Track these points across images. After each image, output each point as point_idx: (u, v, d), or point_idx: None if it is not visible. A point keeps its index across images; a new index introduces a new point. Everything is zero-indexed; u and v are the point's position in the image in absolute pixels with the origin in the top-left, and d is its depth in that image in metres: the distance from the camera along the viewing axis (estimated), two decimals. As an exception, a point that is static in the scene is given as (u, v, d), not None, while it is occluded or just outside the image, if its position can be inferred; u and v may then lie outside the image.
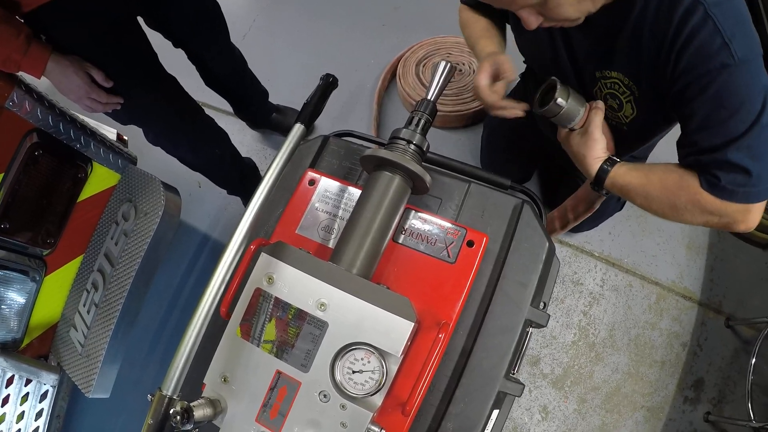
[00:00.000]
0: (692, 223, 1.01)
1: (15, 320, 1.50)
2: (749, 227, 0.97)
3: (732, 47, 0.82)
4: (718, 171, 0.90)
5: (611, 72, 1.04)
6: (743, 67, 0.83)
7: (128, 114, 1.53)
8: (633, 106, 1.06)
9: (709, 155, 0.91)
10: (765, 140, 0.87)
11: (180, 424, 0.71)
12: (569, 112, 1.05)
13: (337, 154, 1.05)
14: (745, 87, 0.84)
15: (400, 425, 0.77)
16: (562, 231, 1.50)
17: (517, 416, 1.83)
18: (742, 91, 0.84)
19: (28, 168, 1.38)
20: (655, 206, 1.02)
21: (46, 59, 1.25)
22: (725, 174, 0.90)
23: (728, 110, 0.86)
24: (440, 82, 0.91)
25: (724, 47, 0.82)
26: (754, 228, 0.98)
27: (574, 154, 1.11)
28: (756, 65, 0.84)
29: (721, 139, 0.88)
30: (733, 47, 0.82)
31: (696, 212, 0.97)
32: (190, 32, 1.63)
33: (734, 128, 0.86)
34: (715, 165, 0.90)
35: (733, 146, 0.87)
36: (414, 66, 2.25)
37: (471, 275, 0.84)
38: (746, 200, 0.92)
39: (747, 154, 0.87)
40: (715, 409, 1.81)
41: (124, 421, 2.00)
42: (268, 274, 0.80)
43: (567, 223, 1.45)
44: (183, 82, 1.65)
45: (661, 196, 0.99)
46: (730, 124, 0.86)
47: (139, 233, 1.54)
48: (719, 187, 0.91)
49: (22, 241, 1.43)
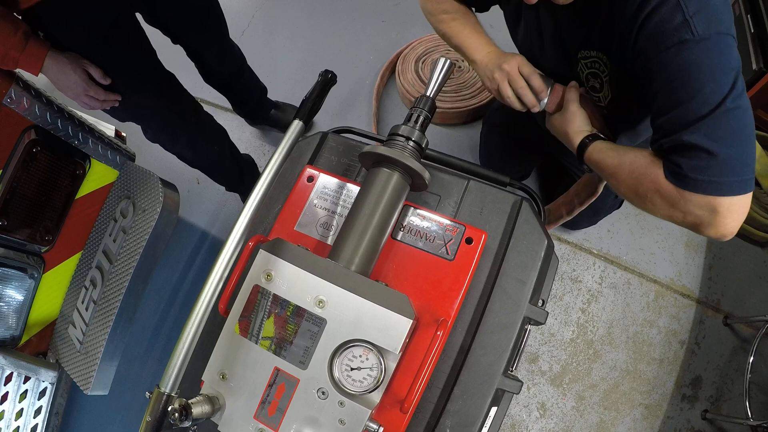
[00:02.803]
0: (659, 216, 0.92)
1: (13, 317, 1.50)
2: (719, 233, 0.85)
3: (692, 23, 0.77)
4: (678, 156, 0.82)
5: (591, 51, 1.04)
6: (704, 44, 0.77)
7: (126, 111, 1.52)
8: (609, 86, 1.05)
9: (668, 138, 0.83)
10: (730, 125, 0.79)
11: (178, 421, 0.71)
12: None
13: (335, 151, 1.05)
14: (708, 66, 0.78)
15: (399, 422, 0.77)
16: (568, 216, 1.50)
17: (515, 413, 1.83)
18: (704, 71, 0.78)
19: (26, 165, 1.37)
20: (622, 189, 0.95)
21: (44, 56, 1.24)
22: (687, 160, 0.81)
23: (688, 91, 0.79)
24: (439, 78, 0.91)
25: (684, 23, 0.77)
26: (728, 237, 0.86)
27: (558, 134, 1.13)
28: (721, 43, 0.78)
29: (680, 120, 0.81)
30: (693, 23, 0.77)
31: (658, 203, 0.88)
32: (188, 29, 1.63)
33: (696, 109, 0.79)
34: (676, 149, 0.83)
35: (693, 128, 0.80)
36: (413, 62, 2.25)
37: (470, 272, 0.84)
38: (709, 191, 0.81)
39: (709, 136, 0.79)
40: (712, 407, 1.81)
41: (122, 418, 2.00)
42: (267, 271, 0.80)
43: (573, 209, 1.45)
44: (182, 79, 1.65)
45: (627, 180, 0.93)
46: (691, 105, 0.79)
47: (138, 230, 1.54)
48: (681, 176, 0.83)
49: (20, 238, 1.43)
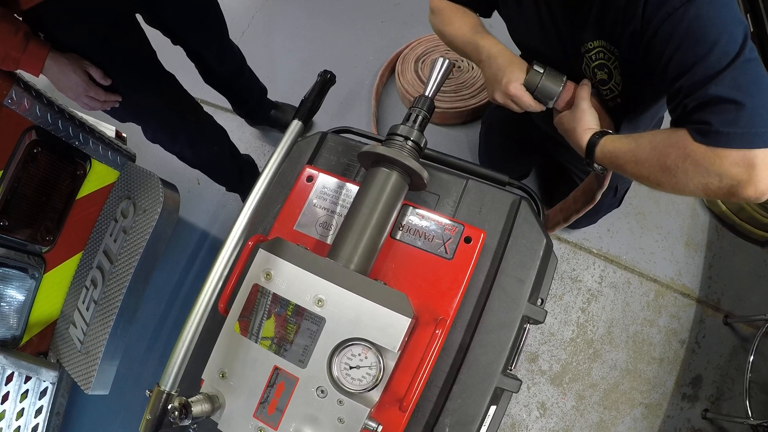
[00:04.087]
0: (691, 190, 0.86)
1: (14, 317, 1.50)
2: (759, 191, 0.79)
3: None
4: (706, 114, 0.78)
5: (593, 42, 1.02)
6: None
7: (127, 111, 1.52)
8: (620, 72, 1.04)
9: (693, 97, 0.80)
10: (753, 74, 0.77)
11: (178, 420, 0.71)
12: (546, 84, 1.07)
13: (335, 151, 1.05)
14: (719, 18, 0.77)
15: (398, 421, 0.77)
16: (565, 223, 1.50)
17: (515, 413, 1.83)
18: (716, 23, 0.77)
19: (26, 165, 1.38)
20: (645, 171, 0.90)
21: (44, 57, 1.25)
22: (715, 115, 0.77)
23: (705, 44, 0.77)
24: (438, 78, 0.91)
25: None
26: (767, 195, 0.80)
27: (566, 132, 1.09)
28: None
29: (702, 74, 0.78)
30: None
31: (690, 171, 0.82)
32: (188, 29, 1.63)
33: (716, 62, 0.77)
34: (702, 106, 0.79)
35: (717, 80, 0.77)
36: (413, 62, 2.25)
37: (468, 271, 0.84)
38: (746, 144, 0.76)
39: (734, 87, 0.76)
40: (713, 407, 1.81)
41: (123, 417, 2.00)
42: (266, 271, 0.81)
43: (570, 215, 1.45)
44: (182, 79, 1.65)
45: (650, 158, 0.88)
46: (711, 58, 0.77)
47: (138, 230, 1.54)
48: (712, 133, 0.78)
49: (21, 238, 1.43)
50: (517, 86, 1.08)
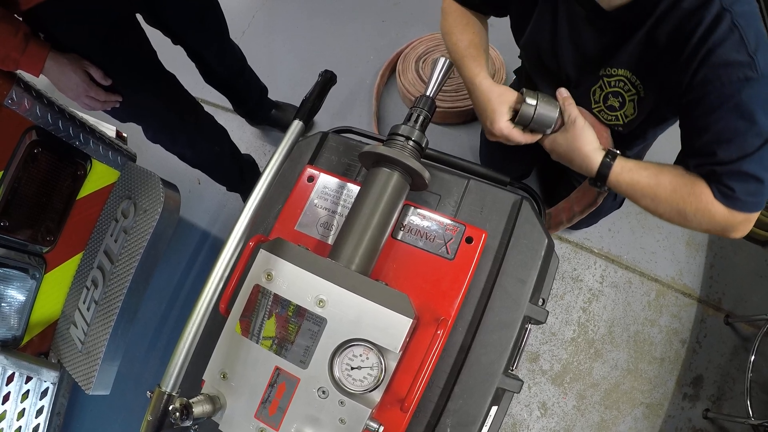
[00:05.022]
0: (693, 228, 0.99)
1: (15, 318, 1.50)
2: (743, 235, 0.98)
3: (756, 60, 0.82)
4: (733, 182, 0.89)
5: (618, 69, 1.01)
6: (765, 80, 0.83)
7: (127, 112, 1.52)
8: (635, 106, 1.04)
9: (726, 166, 0.89)
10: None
11: (179, 421, 0.71)
12: (542, 114, 0.99)
13: (336, 151, 1.05)
14: (765, 100, 0.84)
15: (399, 421, 0.77)
16: (568, 224, 1.49)
17: (516, 412, 1.83)
18: (763, 105, 0.84)
19: (27, 166, 1.38)
20: (661, 210, 0.98)
21: (44, 57, 1.25)
22: (740, 184, 0.89)
23: (748, 123, 0.85)
24: (439, 78, 0.91)
25: (749, 61, 0.82)
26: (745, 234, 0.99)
27: (566, 153, 1.03)
28: None
29: (739, 151, 0.87)
30: (757, 60, 0.82)
31: (704, 221, 0.95)
32: (189, 29, 1.63)
33: (753, 141, 0.86)
34: (731, 175, 0.89)
35: (751, 158, 0.87)
36: (414, 62, 2.25)
37: (470, 271, 0.84)
38: (754, 209, 0.92)
39: (762, 166, 0.88)
40: (714, 406, 1.81)
41: (124, 418, 2.00)
42: (267, 271, 0.81)
43: (573, 217, 1.43)
44: (182, 79, 1.65)
45: (670, 201, 0.96)
46: (749, 137, 0.86)
47: (139, 230, 1.54)
48: (733, 198, 0.90)
49: (21, 238, 1.43)
50: (502, 126, 1.03)
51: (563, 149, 1.02)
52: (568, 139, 1.00)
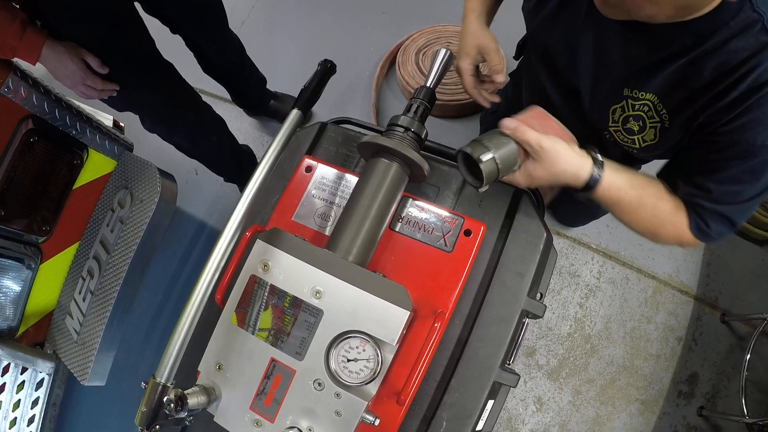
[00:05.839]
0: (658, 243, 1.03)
1: (11, 308, 1.49)
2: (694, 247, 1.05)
3: None
4: (713, 221, 0.93)
5: (645, 93, 0.91)
6: None
7: (124, 101, 1.51)
8: (657, 133, 0.96)
9: (714, 205, 0.91)
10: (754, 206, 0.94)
11: (174, 412, 0.71)
12: (505, 158, 0.83)
13: (334, 141, 1.04)
14: None
15: (395, 414, 0.77)
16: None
17: (511, 407, 1.83)
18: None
19: (23, 155, 1.36)
20: (635, 226, 0.98)
21: (41, 45, 1.23)
22: (717, 225, 0.93)
23: (755, 178, 0.87)
24: (439, 69, 0.90)
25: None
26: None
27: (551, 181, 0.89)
28: None
29: (734, 197, 0.90)
30: None
31: (669, 242, 0.99)
32: (187, 19, 1.61)
33: (749, 192, 0.89)
34: (714, 215, 0.92)
35: (738, 206, 0.91)
36: (414, 54, 2.23)
37: (468, 264, 0.84)
38: (713, 243, 0.99)
39: (742, 215, 0.93)
40: (708, 404, 1.81)
41: (120, 408, 2.00)
42: (264, 261, 0.80)
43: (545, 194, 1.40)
44: (181, 69, 1.63)
45: (647, 220, 0.96)
46: (748, 189, 0.89)
47: (135, 220, 1.53)
48: (706, 234, 0.94)
49: (17, 228, 1.42)
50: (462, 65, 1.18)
51: (546, 179, 0.88)
52: (546, 168, 0.86)
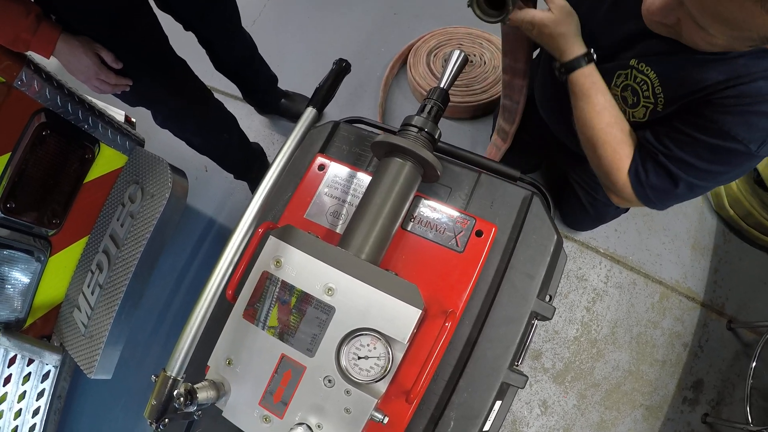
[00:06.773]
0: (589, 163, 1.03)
1: (19, 300, 1.50)
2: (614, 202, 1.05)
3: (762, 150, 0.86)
4: (654, 172, 0.93)
5: (650, 70, 0.95)
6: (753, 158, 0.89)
7: (137, 96, 1.52)
8: (647, 113, 1.00)
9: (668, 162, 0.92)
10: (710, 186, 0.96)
11: (183, 406, 0.71)
12: None
13: (347, 140, 1.05)
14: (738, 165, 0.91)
15: (404, 413, 0.77)
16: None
17: (516, 409, 1.83)
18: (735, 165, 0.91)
19: (35, 148, 1.37)
20: (586, 130, 1.00)
21: (56, 39, 1.24)
22: (657, 178, 0.93)
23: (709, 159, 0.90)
24: (453, 70, 0.90)
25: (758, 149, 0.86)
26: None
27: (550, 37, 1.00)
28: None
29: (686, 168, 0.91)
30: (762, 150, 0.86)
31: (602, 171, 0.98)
32: (200, 16, 1.62)
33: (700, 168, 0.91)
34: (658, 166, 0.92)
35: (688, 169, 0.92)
36: (425, 55, 2.24)
37: (479, 265, 0.84)
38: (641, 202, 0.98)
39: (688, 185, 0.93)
40: (713, 411, 1.80)
41: (125, 402, 2.00)
42: (276, 258, 0.80)
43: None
44: (194, 65, 1.64)
45: (597, 129, 0.97)
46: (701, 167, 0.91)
47: (145, 215, 1.54)
48: (639, 181, 0.94)
49: (27, 220, 1.43)
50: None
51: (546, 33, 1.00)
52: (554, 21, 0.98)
